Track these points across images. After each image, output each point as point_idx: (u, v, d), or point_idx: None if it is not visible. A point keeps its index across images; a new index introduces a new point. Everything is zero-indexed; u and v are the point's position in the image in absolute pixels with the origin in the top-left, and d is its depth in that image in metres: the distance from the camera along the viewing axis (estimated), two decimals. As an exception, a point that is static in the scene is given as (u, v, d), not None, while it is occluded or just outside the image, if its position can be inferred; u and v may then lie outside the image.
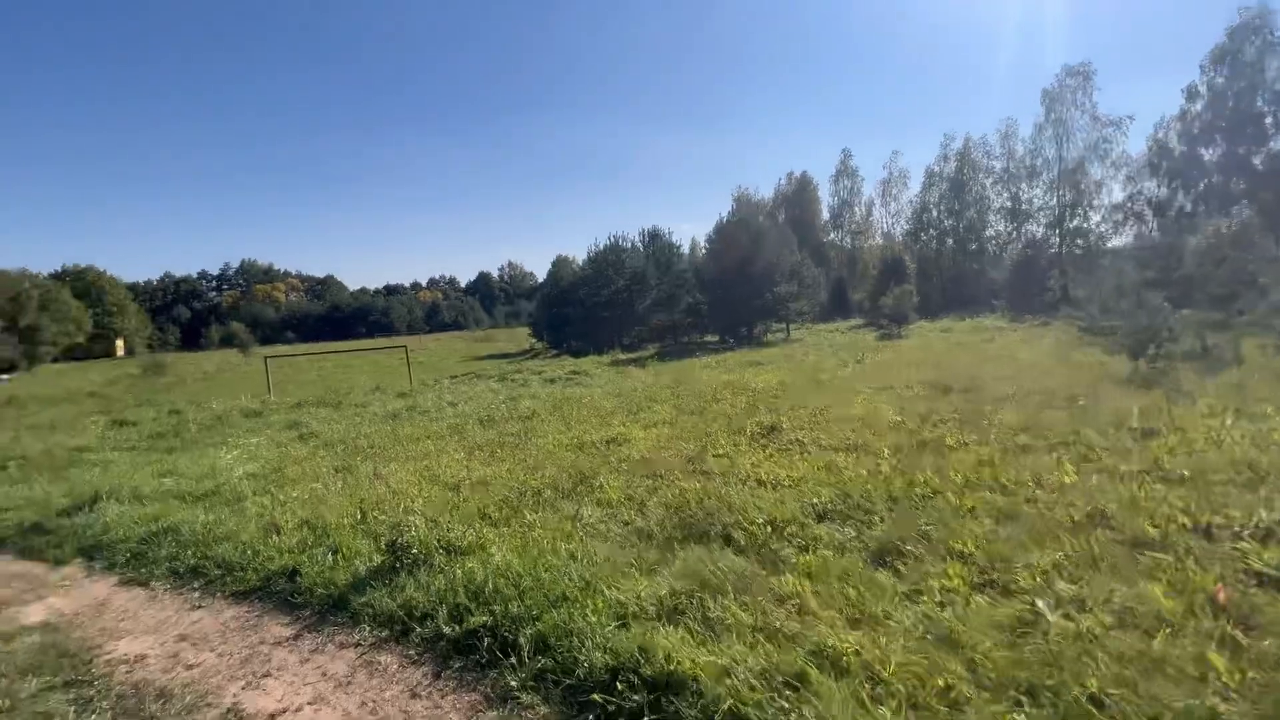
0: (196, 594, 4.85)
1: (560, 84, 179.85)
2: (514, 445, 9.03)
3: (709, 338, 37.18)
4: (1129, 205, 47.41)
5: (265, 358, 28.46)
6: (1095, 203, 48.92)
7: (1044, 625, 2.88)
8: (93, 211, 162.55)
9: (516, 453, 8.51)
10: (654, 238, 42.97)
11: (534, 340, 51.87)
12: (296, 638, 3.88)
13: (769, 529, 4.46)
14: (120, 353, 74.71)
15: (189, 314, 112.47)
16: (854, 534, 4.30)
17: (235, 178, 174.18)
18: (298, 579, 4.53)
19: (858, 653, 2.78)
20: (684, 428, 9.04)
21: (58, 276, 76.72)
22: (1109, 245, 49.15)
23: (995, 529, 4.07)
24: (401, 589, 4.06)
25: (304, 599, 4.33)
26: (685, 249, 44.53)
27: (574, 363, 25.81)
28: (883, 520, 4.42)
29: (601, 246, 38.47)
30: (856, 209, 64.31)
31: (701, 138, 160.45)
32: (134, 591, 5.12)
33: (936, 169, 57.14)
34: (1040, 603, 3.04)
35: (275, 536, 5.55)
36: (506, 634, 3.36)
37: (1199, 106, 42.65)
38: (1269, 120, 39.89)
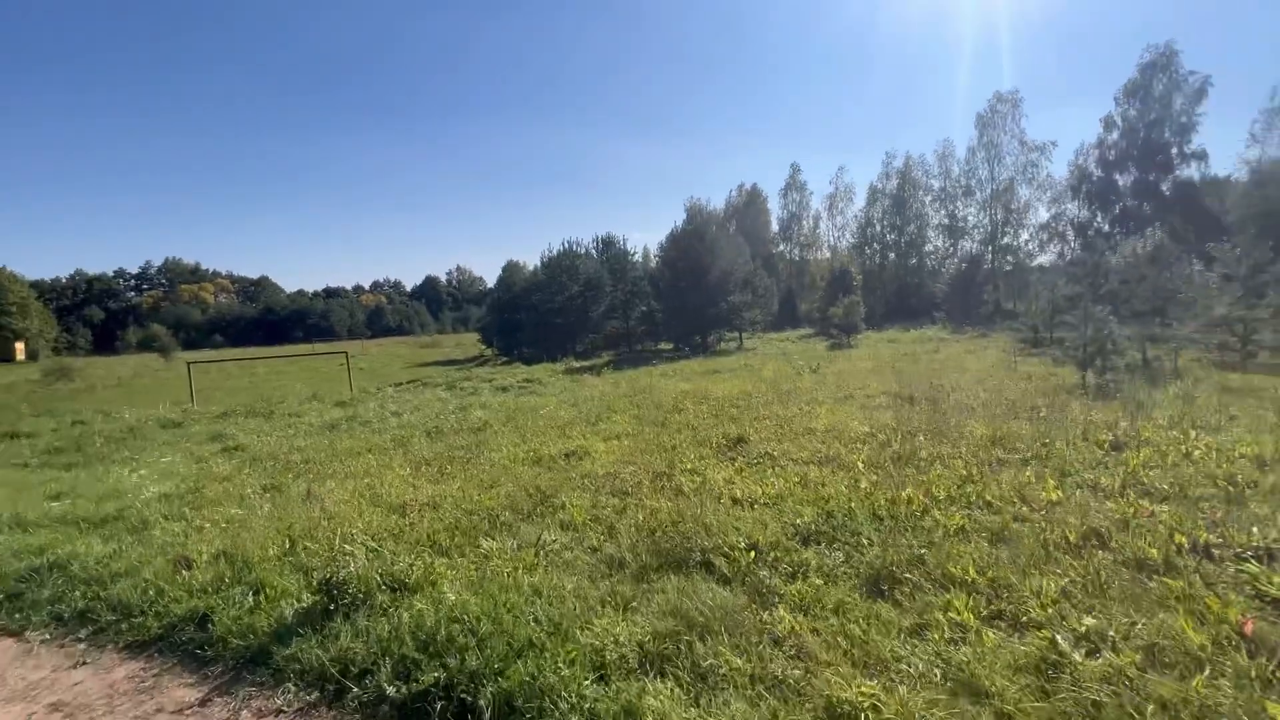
0: (82, 646, 4.07)
1: (509, 86, 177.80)
2: (465, 460, 8.40)
3: (663, 346, 37.07)
4: (1053, 225, 50.71)
5: (188, 363, 26.28)
6: (1025, 221, 52.08)
7: (1069, 666, 2.62)
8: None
9: (468, 468, 7.90)
10: (608, 245, 42.69)
11: (484, 347, 50.51)
12: (204, 703, 3.23)
13: (752, 554, 4.10)
14: (20, 356, 68.08)
15: (102, 315, 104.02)
16: (843, 559, 4.00)
17: (161, 173, 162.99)
18: (209, 626, 3.84)
19: (875, 708, 2.45)
20: (647, 440, 8.64)
21: (-53, 272, 69.46)
22: (1035, 262, 52.46)
23: (990, 551, 3.86)
24: (336, 637, 3.46)
25: (216, 651, 3.65)
26: (638, 258, 44.51)
27: (526, 370, 25.05)
28: (871, 543, 4.15)
29: (555, 252, 37.82)
30: (804, 222, 66.12)
31: (653, 147, 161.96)
32: (3, 644, 4.27)
33: (880, 185, 59.53)
34: (1059, 638, 2.79)
35: (185, 572, 4.79)
36: (464, 694, 2.85)
37: (1115, 135, 46.07)
38: (1174, 151, 43.44)
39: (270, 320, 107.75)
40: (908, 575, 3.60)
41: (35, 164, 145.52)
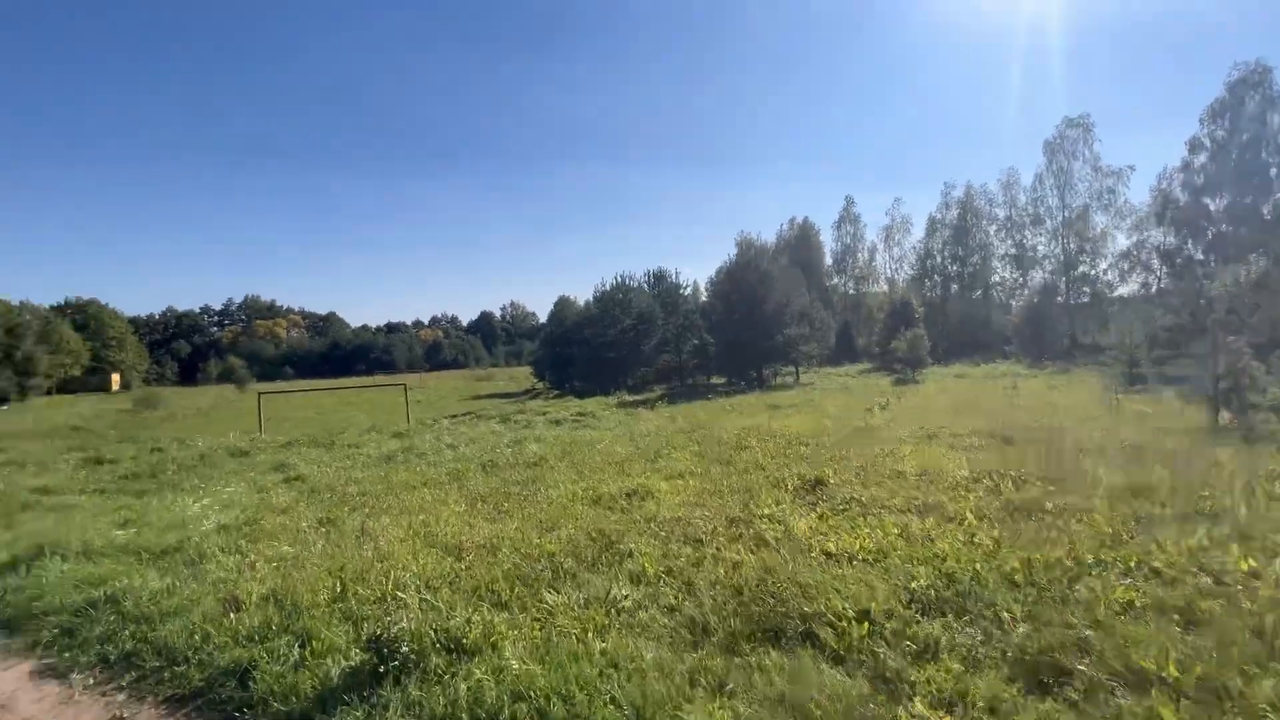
0: (122, 697, 3.77)
1: (562, 128, 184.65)
2: (521, 496, 8.01)
3: (715, 380, 36.29)
4: (1135, 253, 47.39)
5: (259, 394, 27.47)
6: (1102, 250, 49.03)
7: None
8: (100, 245, 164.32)
9: (525, 506, 7.48)
10: (659, 279, 42.67)
11: (536, 380, 51.02)
12: (236, 780, 2.82)
13: (864, 625, 3.44)
14: (116, 387, 73.64)
15: (189, 349, 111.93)
16: (981, 636, 3.28)
17: (243, 214, 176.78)
18: (251, 683, 3.47)
19: None
20: (714, 480, 8.02)
21: (59, 309, 76.51)
22: (1115, 293, 49.07)
23: (1184, 637, 3.06)
24: (385, 708, 3.01)
25: (255, 714, 3.26)
26: (689, 291, 44.31)
27: (579, 404, 24.81)
28: (1015, 617, 3.40)
29: (608, 286, 38.02)
30: (859, 254, 64.54)
31: (703, 183, 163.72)
32: (47, 687, 4.04)
33: (939, 216, 57.66)
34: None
35: (233, 614, 4.50)
36: (532, 800, 2.32)
37: (1202, 158, 43.07)
38: (1274, 172, 40.13)
39: (336, 354, 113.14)
40: (1079, 666, 2.86)
41: (133, 204, 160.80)
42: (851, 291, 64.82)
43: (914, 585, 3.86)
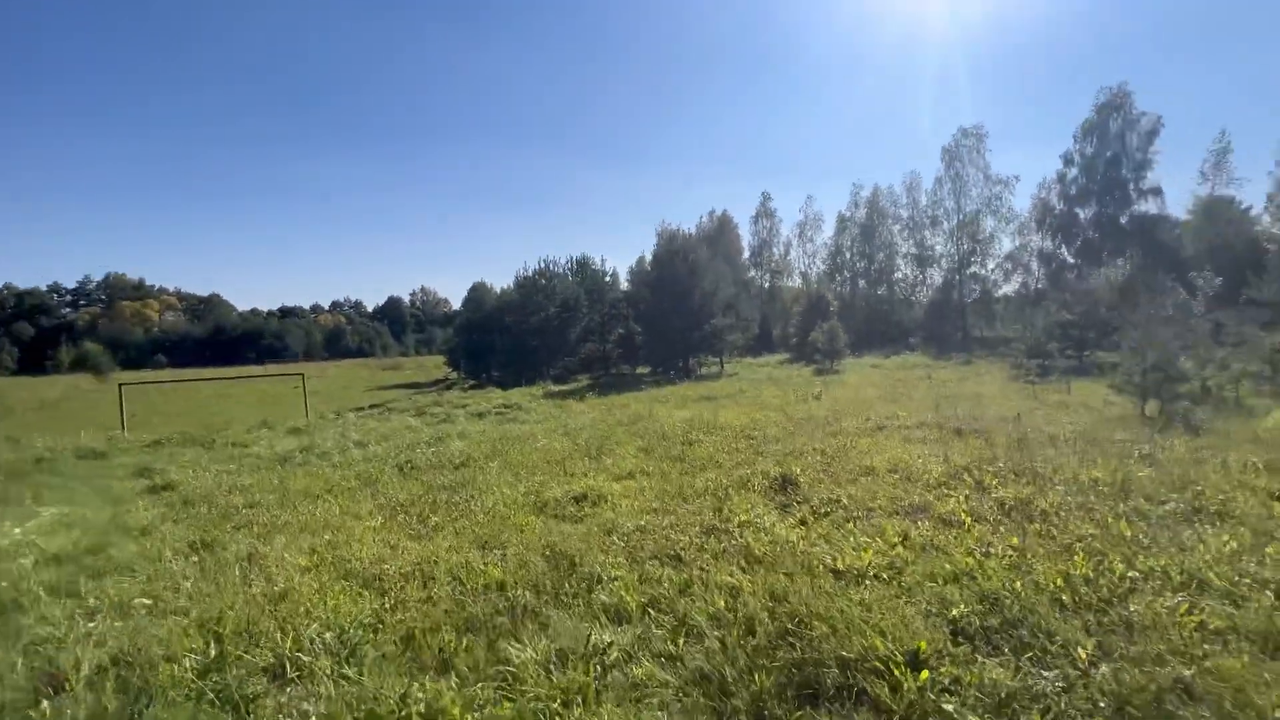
0: None
1: (479, 111, 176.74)
2: (450, 504, 6.89)
3: (641, 370, 35.77)
4: (1017, 255, 52.00)
5: (120, 384, 23.62)
6: (990, 251, 53.29)
7: None
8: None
9: (456, 516, 6.39)
10: (582, 266, 41.43)
11: (450, 369, 48.36)
12: None
13: (921, 673, 2.79)
14: (-67, 376, 62.08)
15: (33, 332, 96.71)
16: (1060, 681, 2.72)
17: (106, 185, 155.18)
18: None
19: None
20: (670, 480, 7.29)
21: None
22: (1000, 292, 53.65)
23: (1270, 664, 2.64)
24: None
25: None
26: (614, 279, 43.40)
27: (502, 394, 23.36)
28: (1086, 650, 2.89)
29: (530, 271, 36.37)
30: (775, 249, 66.37)
31: (622, 175, 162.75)
32: None
33: (848, 214, 60.39)
34: None
35: (51, 697, 3.20)
36: None
37: (1074, 171, 47.78)
38: (1131, 186, 45.22)
39: (220, 340, 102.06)
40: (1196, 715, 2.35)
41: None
42: (768, 284, 66.67)
43: (953, 613, 3.29)
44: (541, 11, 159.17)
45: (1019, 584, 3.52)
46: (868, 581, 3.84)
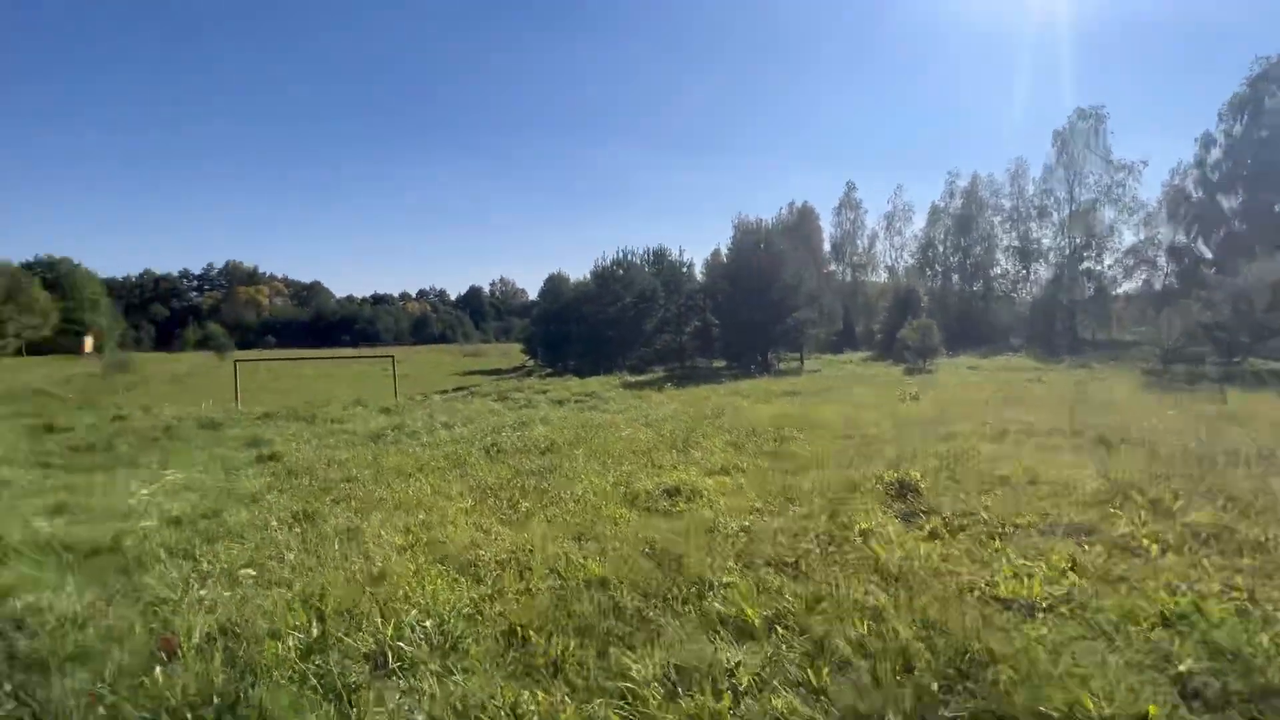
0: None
1: (559, 107, 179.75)
2: (539, 490, 6.70)
3: (717, 363, 35.04)
4: (1142, 250, 46.53)
5: (235, 361, 25.72)
6: (1108, 245, 48.11)
7: None
8: (76, 204, 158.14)
9: (546, 503, 6.18)
10: (660, 257, 41.07)
11: (527, 358, 49.50)
12: None
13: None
14: (88, 349, 70.76)
15: (167, 313, 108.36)
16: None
17: (230, 178, 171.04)
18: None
19: None
20: (768, 479, 6.77)
21: (29, 267, 73.01)
22: (1119, 289, 48.32)
23: None
24: None
25: None
26: (688, 270, 42.80)
27: (580, 383, 23.46)
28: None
29: (608, 262, 36.41)
30: (859, 241, 63.18)
31: (699, 164, 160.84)
32: None
33: (942, 204, 56.40)
34: None
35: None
36: None
37: (1216, 154, 42.11)
38: (1292, 170, 39.27)
39: (320, 324, 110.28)
40: None
41: (113, 164, 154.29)
42: (850, 279, 63.65)
43: (1180, 669, 2.61)
44: (627, 11, 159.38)
45: (1245, 630, 2.77)
46: (1042, 614, 3.20)
